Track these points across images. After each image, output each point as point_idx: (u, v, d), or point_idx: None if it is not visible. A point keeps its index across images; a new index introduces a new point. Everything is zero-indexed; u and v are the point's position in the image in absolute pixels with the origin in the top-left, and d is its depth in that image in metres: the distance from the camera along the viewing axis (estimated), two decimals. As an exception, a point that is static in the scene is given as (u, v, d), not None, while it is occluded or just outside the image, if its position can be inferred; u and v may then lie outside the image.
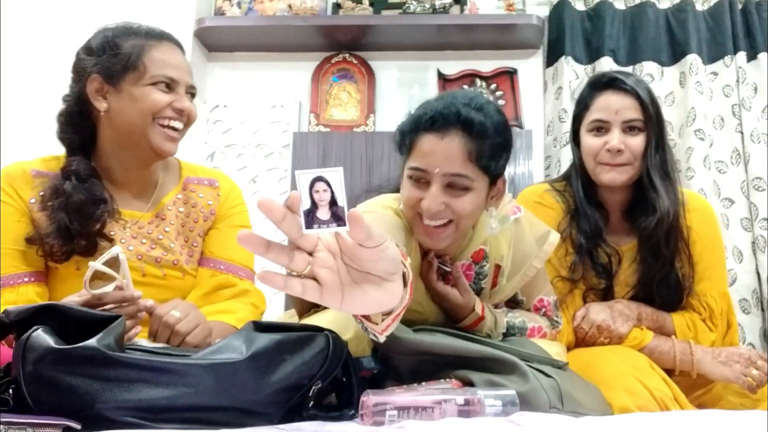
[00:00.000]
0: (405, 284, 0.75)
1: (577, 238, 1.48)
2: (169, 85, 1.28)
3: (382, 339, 0.82)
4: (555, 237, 1.33)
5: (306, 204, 0.65)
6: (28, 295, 1.20)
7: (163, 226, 1.34)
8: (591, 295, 1.51)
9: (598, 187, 1.52)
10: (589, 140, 1.47)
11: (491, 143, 1.16)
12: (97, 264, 1.06)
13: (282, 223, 0.65)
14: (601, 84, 1.48)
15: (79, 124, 1.30)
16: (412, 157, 1.18)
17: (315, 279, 0.67)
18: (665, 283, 1.48)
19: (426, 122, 1.16)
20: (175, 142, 1.30)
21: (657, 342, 1.43)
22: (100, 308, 1.06)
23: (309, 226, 0.65)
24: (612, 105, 1.43)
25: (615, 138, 1.42)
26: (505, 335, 1.28)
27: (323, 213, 0.65)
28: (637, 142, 1.42)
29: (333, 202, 0.65)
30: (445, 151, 1.13)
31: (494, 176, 1.20)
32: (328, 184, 0.64)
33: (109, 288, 1.08)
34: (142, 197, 1.35)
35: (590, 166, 1.48)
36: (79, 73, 1.30)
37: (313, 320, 1.25)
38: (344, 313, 1.13)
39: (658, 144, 1.43)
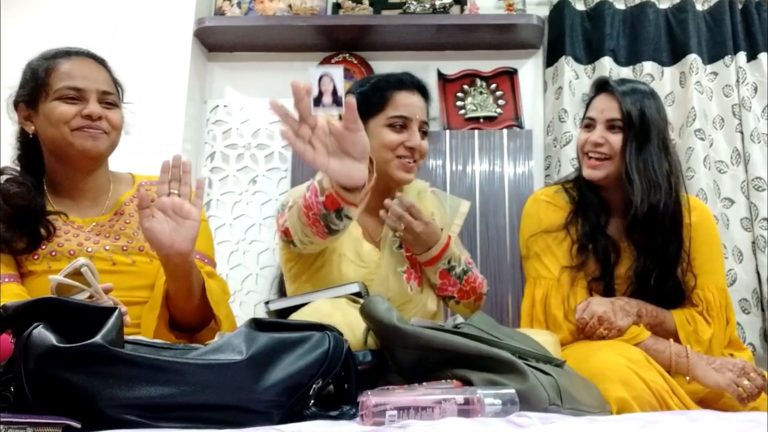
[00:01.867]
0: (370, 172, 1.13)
1: (582, 227, 1.56)
2: (77, 97, 1.33)
3: (354, 215, 1.22)
4: (465, 206, 1.63)
5: (315, 92, 1.00)
6: (13, 290, 1.24)
7: (123, 219, 1.41)
8: (594, 288, 1.54)
9: (600, 185, 1.60)
10: (580, 135, 1.62)
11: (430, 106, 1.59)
12: (59, 277, 1.05)
13: (300, 102, 1.02)
14: (596, 87, 1.64)
15: (25, 149, 1.41)
16: (390, 108, 1.50)
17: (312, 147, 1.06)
18: (663, 279, 1.51)
19: (402, 82, 1.53)
20: (98, 140, 1.34)
21: (653, 340, 1.45)
22: None
23: (316, 105, 1.00)
24: (599, 105, 1.58)
25: (596, 132, 1.56)
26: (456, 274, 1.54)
27: (327, 99, 1.00)
28: (616, 139, 1.54)
29: (335, 92, 0.99)
30: (419, 104, 1.53)
31: None
32: (332, 79, 0.98)
33: (81, 297, 1.06)
34: (97, 205, 1.42)
35: (580, 158, 1.62)
36: (15, 107, 1.40)
37: (298, 314, 1.27)
38: (332, 299, 1.25)
39: (641, 147, 1.52)
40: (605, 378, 1.20)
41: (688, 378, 1.41)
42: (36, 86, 1.35)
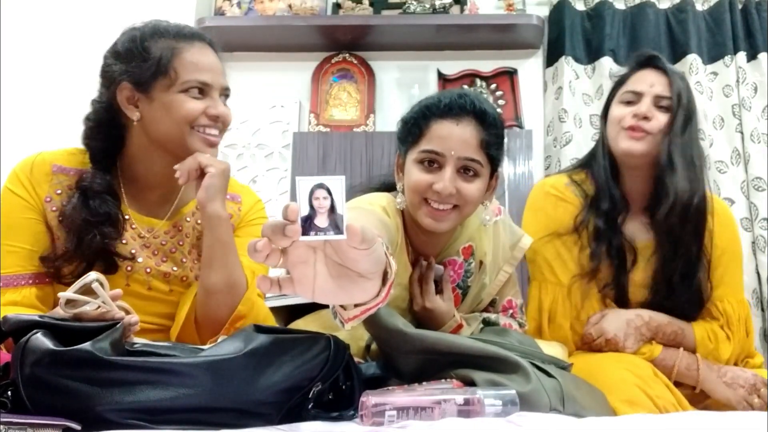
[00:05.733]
0: (384, 282, 0.77)
1: (596, 223, 1.45)
2: (202, 90, 1.22)
3: (347, 327, 0.83)
4: (526, 242, 1.39)
5: (304, 210, 0.65)
6: (30, 299, 1.16)
7: (179, 238, 1.29)
8: (607, 296, 1.47)
9: (621, 173, 1.50)
10: (618, 109, 1.48)
11: (497, 134, 1.24)
12: (68, 293, 1.00)
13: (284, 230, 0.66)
14: (641, 61, 1.51)
15: (108, 131, 1.25)
16: (424, 141, 1.22)
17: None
18: (685, 281, 1.43)
19: (443, 108, 1.22)
20: (215, 146, 1.25)
21: (663, 355, 1.41)
22: None
23: (306, 232, 0.66)
24: (647, 78, 1.46)
25: (644, 105, 1.43)
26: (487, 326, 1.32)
27: (322, 220, 0.66)
28: (664, 118, 1.42)
29: (332, 209, 0.66)
30: (461, 136, 1.20)
31: (495, 168, 1.27)
32: (329, 192, 0.65)
33: (90, 307, 1.00)
34: (164, 203, 1.30)
35: (613, 134, 1.47)
36: (109, 80, 1.24)
37: (299, 324, 1.26)
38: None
39: (684, 129, 1.42)
40: (613, 396, 1.17)
41: (698, 389, 1.39)
42: (157, 69, 1.19)
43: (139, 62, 1.20)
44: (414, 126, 1.25)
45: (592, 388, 1.13)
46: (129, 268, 1.23)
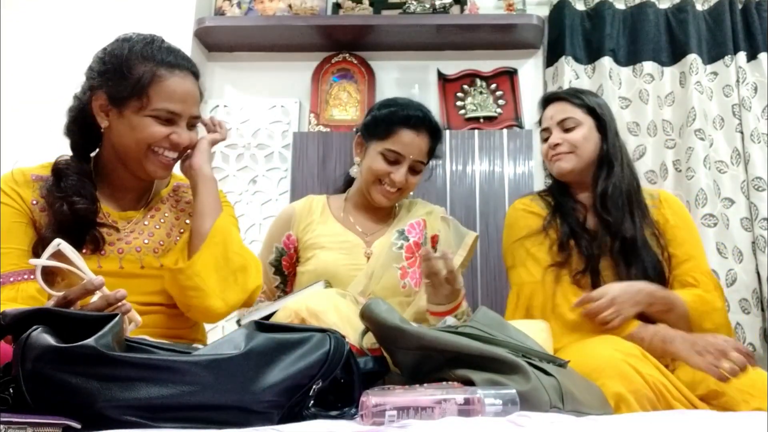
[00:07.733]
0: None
1: (562, 227, 1.62)
2: (170, 119, 1.28)
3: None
4: (470, 238, 1.65)
5: None
6: (29, 291, 1.19)
7: (158, 217, 1.39)
8: (580, 282, 1.57)
9: (572, 189, 1.70)
10: (542, 147, 1.73)
11: (439, 143, 1.69)
12: (41, 260, 1.00)
13: None
14: (542, 101, 1.76)
15: (84, 127, 1.33)
16: (389, 141, 1.61)
17: None
18: (637, 248, 1.56)
19: (411, 122, 1.61)
20: (169, 169, 1.33)
21: (638, 330, 1.47)
22: (72, 308, 1.02)
23: None
24: (548, 113, 1.71)
25: (553, 136, 1.67)
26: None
27: None
28: (575, 135, 1.64)
29: None
30: (418, 145, 1.62)
31: (427, 163, 1.69)
32: None
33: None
34: (138, 200, 1.40)
35: (548, 167, 1.73)
36: (89, 84, 1.31)
37: (289, 299, 1.38)
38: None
39: (606, 132, 1.66)
40: (602, 373, 1.21)
41: (670, 365, 1.44)
42: (132, 91, 1.25)
43: (119, 79, 1.27)
44: (384, 126, 1.61)
45: (588, 384, 1.13)
46: (120, 251, 1.30)
